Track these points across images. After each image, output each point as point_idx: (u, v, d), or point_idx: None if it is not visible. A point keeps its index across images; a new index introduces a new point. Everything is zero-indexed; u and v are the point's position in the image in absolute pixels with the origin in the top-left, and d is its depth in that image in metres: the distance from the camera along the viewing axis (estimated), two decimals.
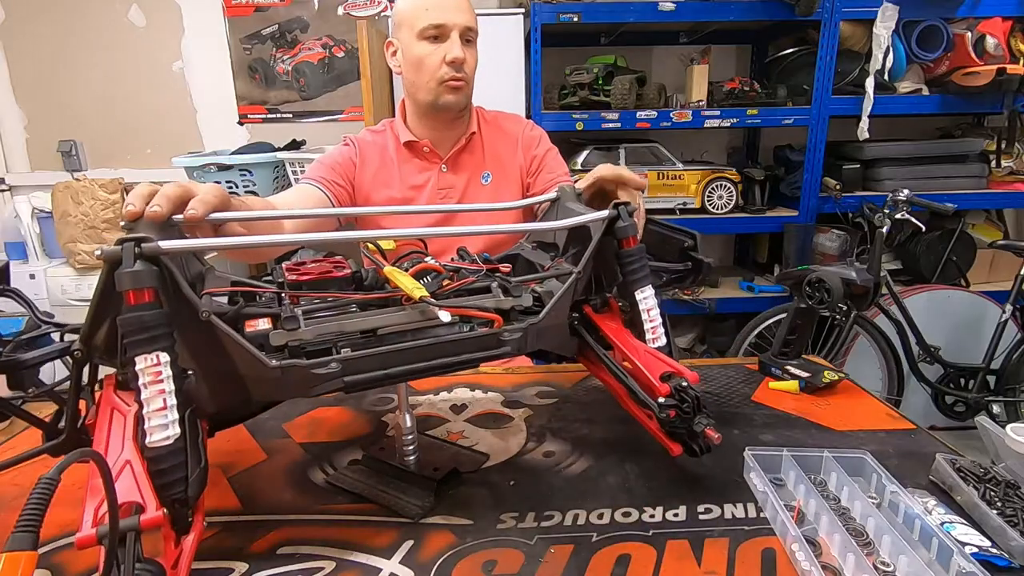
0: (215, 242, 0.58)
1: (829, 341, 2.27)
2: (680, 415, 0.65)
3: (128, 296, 0.50)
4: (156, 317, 0.50)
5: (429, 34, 1.15)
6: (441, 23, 1.14)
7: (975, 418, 0.83)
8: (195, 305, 0.52)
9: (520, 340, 0.65)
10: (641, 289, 0.72)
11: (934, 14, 2.37)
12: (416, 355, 0.60)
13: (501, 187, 1.29)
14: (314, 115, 2.89)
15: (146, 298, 0.50)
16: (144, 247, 0.50)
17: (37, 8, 2.72)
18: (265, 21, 2.78)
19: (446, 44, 1.15)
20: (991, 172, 2.63)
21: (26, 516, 0.42)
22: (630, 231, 0.71)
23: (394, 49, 1.24)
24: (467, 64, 1.18)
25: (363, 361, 0.57)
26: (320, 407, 0.97)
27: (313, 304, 0.62)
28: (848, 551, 0.58)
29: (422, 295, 0.59)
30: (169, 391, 0.51)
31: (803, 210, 2.53)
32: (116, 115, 2.84)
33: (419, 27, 1.15)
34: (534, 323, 0.66)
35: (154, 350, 0.50)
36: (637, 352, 0.69)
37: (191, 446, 0.52)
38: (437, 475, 0.73)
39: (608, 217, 0.71)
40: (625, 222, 0.71)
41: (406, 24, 1.17)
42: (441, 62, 1.15)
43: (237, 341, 0.53)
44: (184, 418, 0.52)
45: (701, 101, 2.48)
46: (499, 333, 0.64)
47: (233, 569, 0.60)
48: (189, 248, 0.57)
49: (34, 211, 2.57)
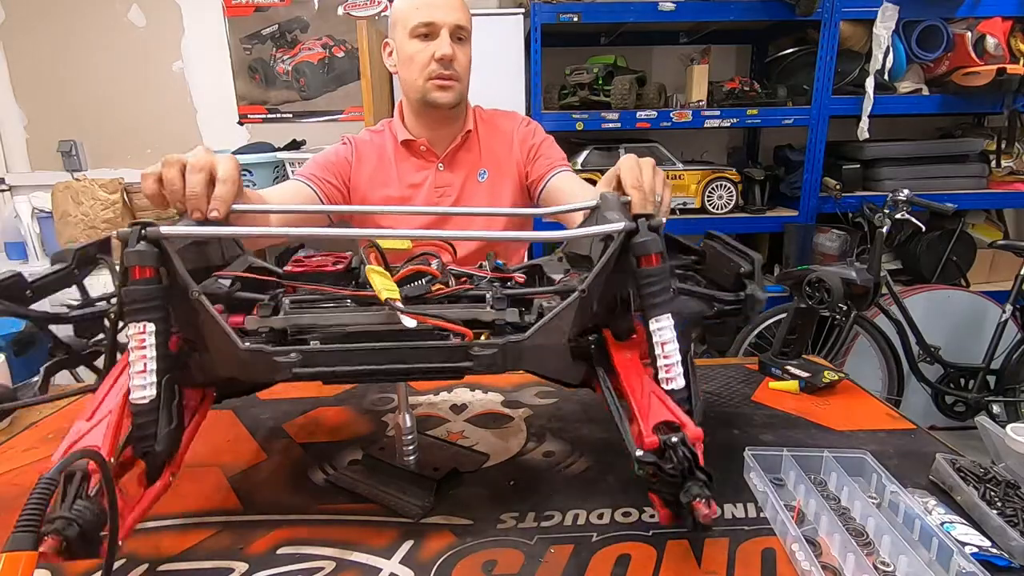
0: (209, 230, 0.63)
1: (829, 341, 2.27)
2: (663, 477, 0.53)
3: (133, 271, 0.57)
4: (151, 292, 0.57)
5: (420, 32, 1.17)
6: (431, 21, 1.16)
7: (975, 418, 0.83)
8: (187, 285, 0.58)
9: (493, 358, 0.59)
10: (657, 318, 0.60)
11: (934, 14, 2.37)
12: (377, 357, 0.60)
13: (497, 184, 1.29)
14: (314, 115, 2.89)
15: (147, 274, 0.57)
16: (147, 231, 0.57)
17: (37, 8, 2.73)
18: (265, 21, 2.78)
19: (435, 42, 1.17)
20: (991, 172, 2.63)
21: (26, 516, 0.42)
22: (651, 248, 0.60)
23: (390, 49, 1.26)
24: (457, 62, 1.19)
25: (323, 355, 0.59)
26: (320, 407, 0.97)
27: (304, 296, 0.65)
28: (848, 551, 0.58)
29: (388, 297, 0.59)
30: (150, 357, 0.57)
31: (803, 210, 2.53)
32: (116, 115, 2.84)
33: (410, 25, 1.17)
34: (514, 341, 0.60)
35: (143, 320, 0.57)
36: (636, 392, 0.60)
37: (164, 407, 0.58)
38: (437, 475, 0.73)
39: (624, 231, 0.61)
40: (645, 237, 0.60)
41: (400, 23, 1.20)
42: (430, 59, 1.17)
43: (216, 320, 0.58)
44: (161, 383, 0.58)
45: (701, 101, 2.48)
46: (468, 347, 0.60)
47: (233, 569, 0.60)
48: (187, 234, 0.63)
49: (34, 211, 2.58)
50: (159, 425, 0.58)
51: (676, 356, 0.60)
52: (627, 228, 0.61)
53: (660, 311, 0.60)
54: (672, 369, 0.60)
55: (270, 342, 0.61)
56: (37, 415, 0.96)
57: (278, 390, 1.03)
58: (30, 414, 0.96)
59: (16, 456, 0.84)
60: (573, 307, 0.61)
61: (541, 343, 0.61)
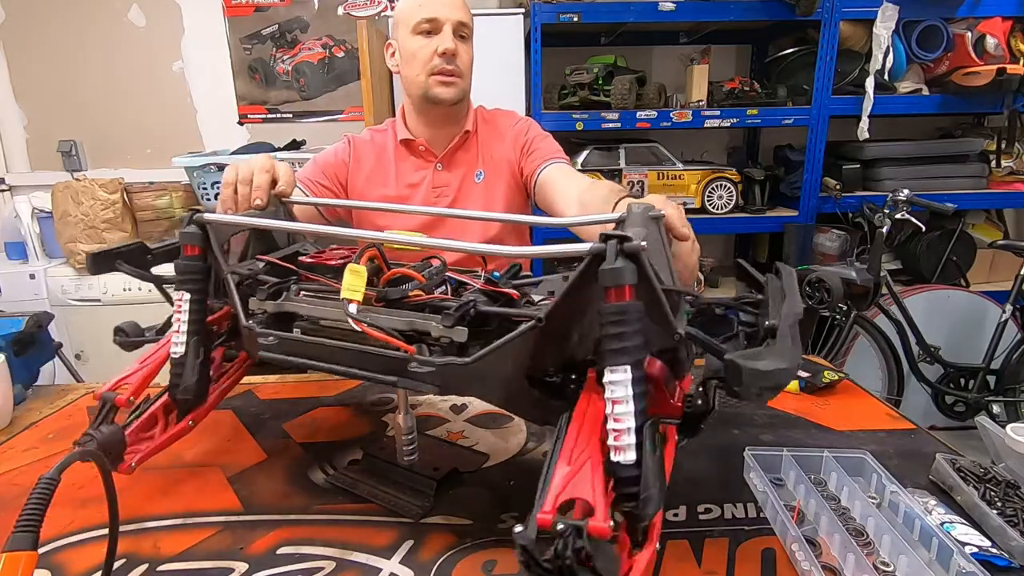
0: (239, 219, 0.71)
1: (829, 341, 2.27)
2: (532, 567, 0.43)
3: (185, 249, 0.69)
4: (192, 267, 0.69)
5: (422, 28, 1.17)
6: (433, 16, 1.16)
7: (975, 418, 0.83)
8: (220, 263, 0.69)
9: (432, 376, 0.56)
10: (612, 368, 0.47)
11: (934, 14, 2.37)
12: (335, 355, 0.63)
13: (492, 185, 1.29)
14: (314, 115, 2.89)
15: (194, 252, 0.69)
16: (196, 216, 0.69)
17: (37, 8, 2.72)
18: (265, 21, 2.78)
19: (438, 37, 1.17)
20: (991, 172, 2.63)
21: (26, 516, 0.43)
22: (617, 278, 0.47)
23: (392, 49, 1.26)
24: (460, 59, 1.19)
25: (290, 344, 0.65)
26: (320, 407, 0.97)
27: (312, 286, 0.69)
28: (848, 551, 0.58)
29: (346, 297, 0.59)
30: (184, 320, 0.68)
31: (803, 210, 2.53)
32: (116, 115, 2.84)
33: (413, 22, 1.17)
34: (456, 363, 0.55)
35: (183, 289, 0.68)
36: (569, 452, 0.48)
37: (190, 362, 0.70)
38: (437, 475, 0.73)
39: (590, 252, 0.49)
40: (612, 264, 0.47)
41: (402, 22, 1.20)
42: (433, 54, 1.17)
43: (233, 297, 0.67)
44: (189, 342, 0.69)
45: (701, 101, 2.48)
46: (408, 360, 0.57)
47: (233, 569, 0.60)
48: (225, 222, 0.73)
49: (34, 211, 2.57)
50: (183, 376, 0.69)
51: (629, 422, 0.46)
52: (594, 251, 0.49)
53: (618, 360, 0.47)
54: (622, 437, 0.46)
55: (268, 323, 0.67)
56: (37, 415, 0.96)
57: (278, 390, 1.04)
58: (30, 414, 0.96)
59: (16, 456, 0.84)
60: (528, 337, 0.53)
61: (488, 371, 0.55)
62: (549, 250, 0.55)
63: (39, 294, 2.48)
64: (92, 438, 0.62)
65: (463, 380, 0.56)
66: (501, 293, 0.63)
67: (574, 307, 0.51)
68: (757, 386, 0.47)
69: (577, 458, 0.47)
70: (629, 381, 0.47)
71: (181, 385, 0.70)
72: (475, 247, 0.59)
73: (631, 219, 0.60)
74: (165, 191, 2.50)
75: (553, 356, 0.56)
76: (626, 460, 0.46)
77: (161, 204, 2.49)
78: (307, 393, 1.01)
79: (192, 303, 0.68)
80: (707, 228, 2.56)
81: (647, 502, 0.45)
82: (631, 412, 0.47)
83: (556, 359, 0.57)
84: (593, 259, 0.49)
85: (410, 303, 0.62)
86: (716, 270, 2.84)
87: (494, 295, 0.63)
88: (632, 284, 0.47)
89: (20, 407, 0.98)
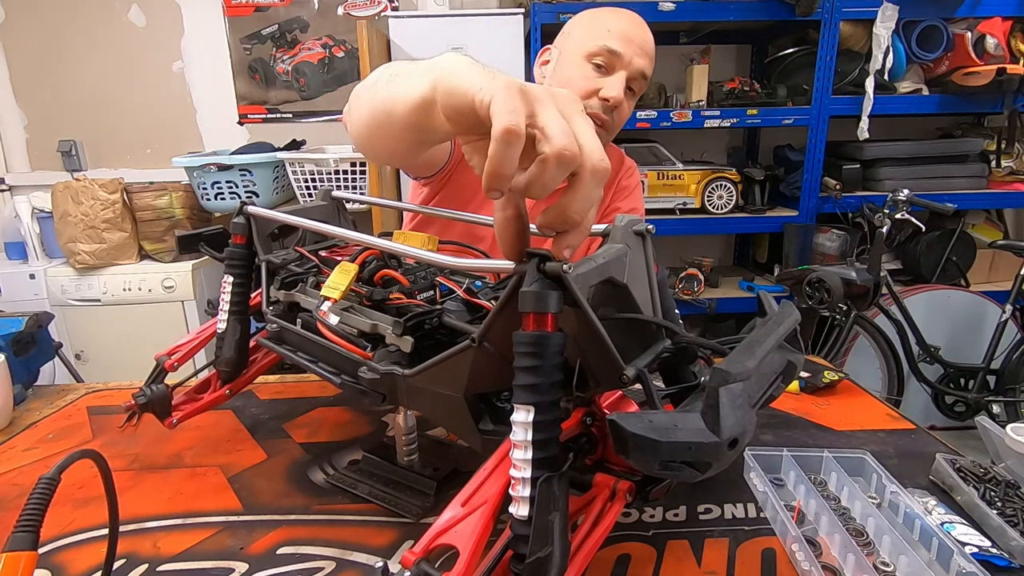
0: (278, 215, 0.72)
1: (829, 341, 2.27)
2: None
3: (235, 237, 0.75)
4: (237, 254, 0.75)
5: (598, 58, 0.98)
6: (618, 51, 0.97)
7: (975, 418, 0.83)
8: (256, 252, 0.74)
9: (378, 384, 0.54)
10: (516, 406, 0.41)
11: (934, 14, 2.37)
12: (313, 350, 0.65)
13: None
14: (314, 115, 2.89)
15: (240, 241, 0.75)
16: (243, 209, 0.75)
17: (37, 8, 2.72)
18: (265, 21, 2.78)
19: (610, 79, 0.99)
20: (991, 172, 2.63)
21: (26, 516, 0.43)
22: (527, 303, 0.40)
23: (547, 58, 1.08)
24: (619, 113, 1.01)
25: (285, 333, 0.68)
26: (320, 407, 0.97)
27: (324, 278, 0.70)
28: (848, 551, 0.58)
29: (323, 294, 0.61)
30: (226, 300, 0.76)
31: (803, 210, 2.53)
32: (116, 115, 2.84)
33: (591, 47, 0.99)
34: (396, 373, 0.53)
35: (228, 273, 0.76)
36: (463, 493, 0.44)
37: (229, 337, 0.78)
38: (437, 475, 0.73)
39: (514, 273, 0.42)
40: (528, 286, 0.40)
41: (578, 39, 1.01)
42: (593, 93, 0.98)
43: (263, 282, 0.72)
44: (228, 319, 0.77)
45: (701, 101, 2.48)
46: (360, 364, 0.56)
47: (233, 569, 0.60)
48: (267, 216, 0.75)
49: (34, 211, 2.57)
50: (223, 350, 0.77)
51: (525, 471, 0.40)
52: (518, 270, 0.42)
53: (522, 397, 0.40)
54: (517, 487, 0.40)
55: (282, 312, 0.71)
56: (37, 415, 0.96)
57: (278, 390, 1.04)
58: (30, 414, 0.96)
59: (16, 456, 0.84)
60: (466, 356, 0.47)
61: (428, 387, 0.52)
62: (476, 264, 0.48)
63: (39, 294, 2.48)
64: (144, 394, 0.75)
65: (411, 393, 0.53)
66: (478, 305, 0.59)
67: (509, 329, 0.42)
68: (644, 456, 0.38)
69: (474, 501, 0.43)
70: (530, 425, 0.40)
71: (220, 358, 0.78)
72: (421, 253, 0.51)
73: (613, 234, 0.50)
74: (165, 191, 2.50)
75: (495, 380, 0.49)
76: (517, 514, 0.40)
77: (161, 204, 2.49)
78: (307, 393, 1.01)
79: (235, 286, 0.76)
80: (707, 228, 2.57)
81: (535, 568, 0.39)
82: (528, 460, 0.40)
83: (499, 383, 0.50)
84: (520, 279, 0.42)
85: (391, 305, 0.61)
86: (716, 270, 2.84)
87: (473, 307, 0.59)
88: (555, 312, 0.40)
89: (20, 407, 0.98)
